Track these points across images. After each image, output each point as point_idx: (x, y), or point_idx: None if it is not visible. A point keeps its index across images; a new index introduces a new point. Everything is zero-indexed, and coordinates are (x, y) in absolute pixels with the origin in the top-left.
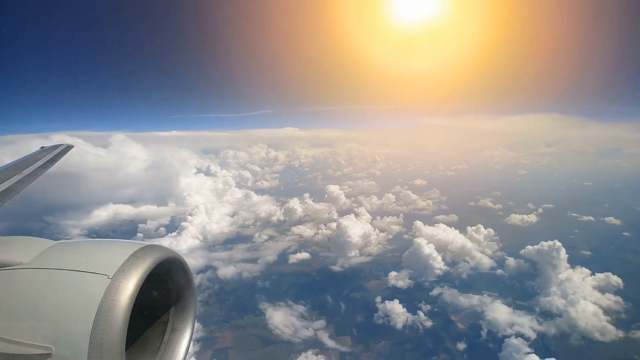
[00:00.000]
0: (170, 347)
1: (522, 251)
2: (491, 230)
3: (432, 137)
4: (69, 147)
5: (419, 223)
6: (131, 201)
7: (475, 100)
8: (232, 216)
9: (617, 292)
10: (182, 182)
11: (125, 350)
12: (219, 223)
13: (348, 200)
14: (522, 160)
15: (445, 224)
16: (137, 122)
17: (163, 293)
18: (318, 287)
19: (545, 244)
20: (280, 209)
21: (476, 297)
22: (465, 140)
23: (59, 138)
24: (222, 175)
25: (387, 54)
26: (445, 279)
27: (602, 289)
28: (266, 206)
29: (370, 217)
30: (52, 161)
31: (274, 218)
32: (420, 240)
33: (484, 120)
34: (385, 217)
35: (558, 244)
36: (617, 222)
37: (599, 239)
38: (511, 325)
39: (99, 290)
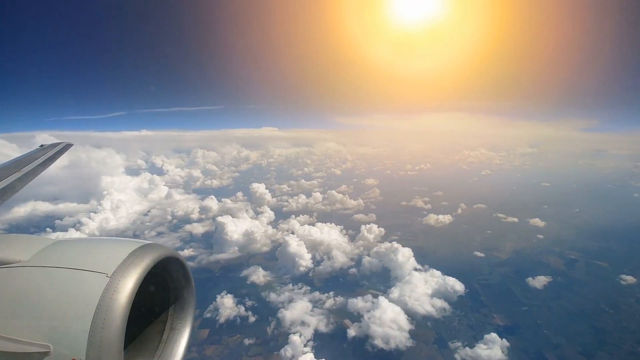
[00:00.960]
0: (169, 346)
1: (372, 251)
2: (382, 229)
3: (414, 138)
4: (68, 145)
5: (293, 221)
6: (54, 199)
7: (463, 100)
8: (146, 214)
9: (453, 300)
10: (105, 181)
11: (124, 348)
12: (120, 220)
13: (274, 198)
14: (495, 161)
15: (362, 222)
16: (101, 122)
17: (162, 292)
18: None
19: (390, 245)
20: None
21: (286, 293)
22: (448, 140)
23: None
24: (174, 174)
25: (374, 54)
26: (304, 278)
27: (440, 294)
28: (188, 204)
29: (274, 215)
30: (52, 159)
31: (193, 215)
32: (289, 239)
33: (469, 121)
34: (300, 215)
35: (396, 245)
36: (541, 224)
37: (505, 241)
38: (302, 323)
39: (97, 288)
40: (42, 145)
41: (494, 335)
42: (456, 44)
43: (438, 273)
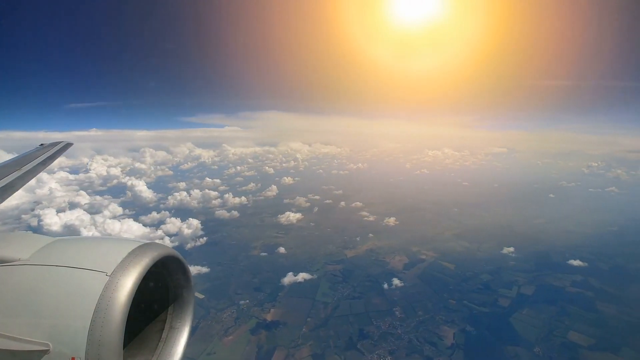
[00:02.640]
0: (169, 345)
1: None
2: (200, 224)
3: (388, 138)
4: (68, 145)
5: (48, 211)
6: None
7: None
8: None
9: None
10: None
11: (124, 347)
12: None
13: (152, 195)
14: (447, 161)
15: (220, 218)
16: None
17: (161, 291)
18: None
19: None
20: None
21: None
22: (412, 140)
23: None
24: (96, 173)
25: (350, 52)
26: None
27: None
28: (57, 199)
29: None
30: (52, 158)
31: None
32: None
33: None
34: (155, 212)
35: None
36: (394, 222)
37: (340, 238)
38: None
39: (97, 287)
40: (41, 144)
41: None
42: (428, 47)
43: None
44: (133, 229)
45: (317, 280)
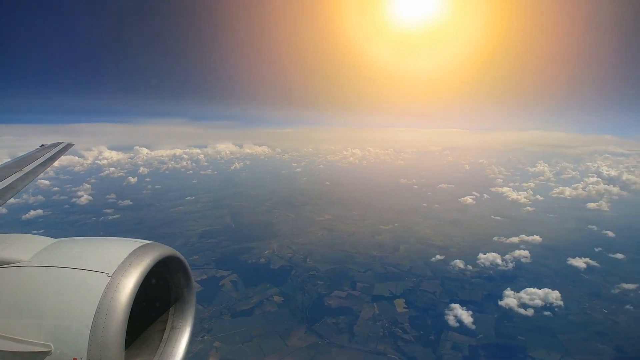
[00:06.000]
0: (170, 345)
1: None
2: None
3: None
4: (69, 145)
5: None
6: None
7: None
8: None
9: None
10: None
11: (125, 348)
12: None
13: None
14: (353, 158)
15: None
16: None
17: (162, 291)
18: None
19: None
20: None
21: None
22: (348, 142)
23: None
24: None
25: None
26: None
27: None
28: None
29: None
30: (52, 159)
31: None
32: None
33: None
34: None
35: None
36: (230, 222)
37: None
38: None
39: (98, 288)
40: (42, 145)
41: None
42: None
43: None
44: None
45: None
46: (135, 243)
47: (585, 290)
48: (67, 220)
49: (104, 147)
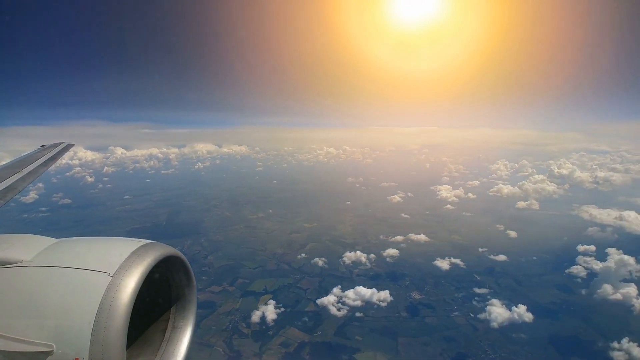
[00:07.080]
0: (172, 345)
1: None
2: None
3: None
4: (69, 145)
5: None
6: None
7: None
8: None
9: None
10: None
11: (127, 347)
12: None
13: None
14: (322, 157)
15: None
16: None
17: (164, 291)
18: None
19: None
20: None
21: None
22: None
23: None
24: None
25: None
26: None
27: None
28: None
29: None
30: (53, 159)
31: None
32: None
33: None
34: None
35: None
36: (163, 220)
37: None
38: None
39: (100, 288)
40: (43, 145)
41: None
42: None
43: None
44: None
45: None
46: (136, 243)
47: (436, 291)
48: None
49: (81, 147)
